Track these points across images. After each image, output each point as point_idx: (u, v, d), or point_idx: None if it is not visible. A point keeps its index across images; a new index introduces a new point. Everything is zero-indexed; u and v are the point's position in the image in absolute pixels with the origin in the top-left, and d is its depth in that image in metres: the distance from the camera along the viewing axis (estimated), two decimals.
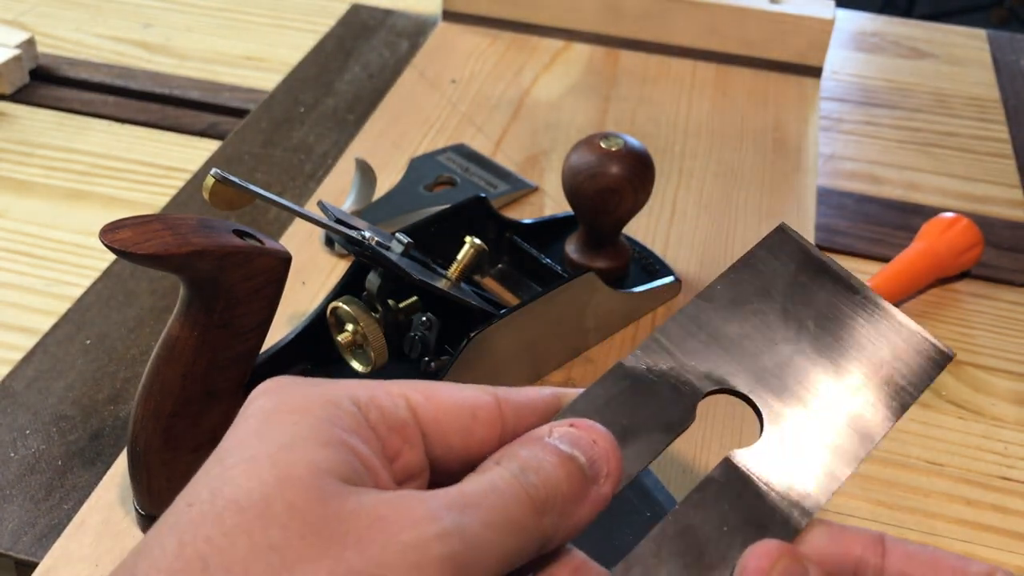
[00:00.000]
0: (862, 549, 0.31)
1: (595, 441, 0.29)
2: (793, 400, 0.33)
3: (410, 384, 0.30)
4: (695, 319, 0.34)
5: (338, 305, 0.52)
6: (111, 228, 0.39)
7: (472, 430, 0.30)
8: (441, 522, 0.25)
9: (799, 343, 0.34)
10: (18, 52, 0.82)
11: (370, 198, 0.69)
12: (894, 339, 0.35)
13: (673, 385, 0.33)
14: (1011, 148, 0.84)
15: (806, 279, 0.35)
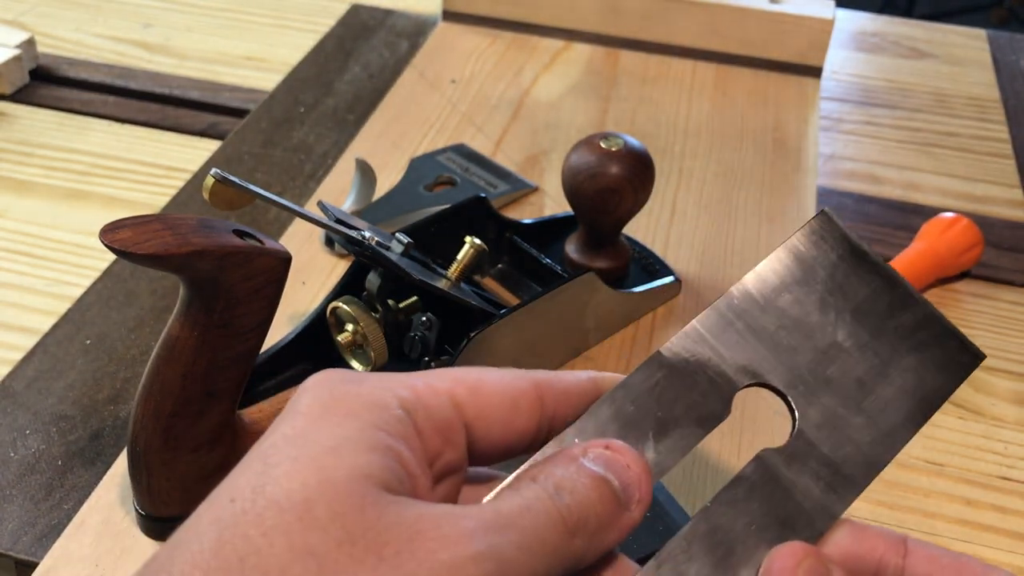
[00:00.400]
0: (884, 550, 0.31)
1: (629, 466, 0.29)
2: (825, 398, 0.33)
3: (457, 376, 0.30)
4: (734, 308, 0.34)
5: (338, 305, 0.52)
6: (111, 228, 0.39)
7: (513, 421, 0.30)
8: (477, 543, 0.25)
9: (836, 337, 0.34)
10: (18, 52, 0.82)
11: (370, 198, 0.69)
12: (928, 339, 0.34)
13: (710, 377, 0.32)
14: (1011, 148, 0.84)
15: (847, 269, 0.34)
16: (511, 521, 0.26)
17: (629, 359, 0.59)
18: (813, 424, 0.32)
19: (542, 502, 0.27)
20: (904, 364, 0.33)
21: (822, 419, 0.32)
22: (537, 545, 0.26)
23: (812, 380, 0.33)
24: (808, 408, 0.33)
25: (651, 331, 0.61)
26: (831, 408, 0.33)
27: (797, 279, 0.34)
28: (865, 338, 0.34)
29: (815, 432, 0.32)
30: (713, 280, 0.65)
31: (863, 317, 0.34)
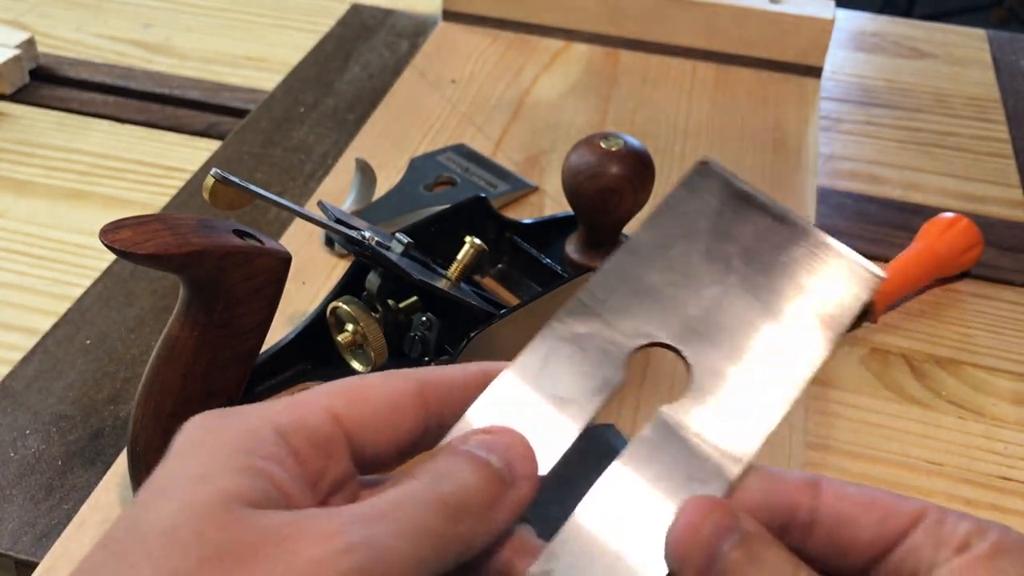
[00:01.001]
0: (796, 493, 0.31)
1: (510, 445, 0.30)
2: (721, 345, 0.32)
3: (336, 390, 0.30)
4: (618, 273, 0.33)
5: (338, 305, 0.52)
6: (111, 228, 0.40)
7: (397, 423, 0.30)
8: (348, 536, 0.25)
9: (726, 283, 0.33)
10: (18, 52, 0.82)
11: (370, 198, 0.69)
12: (823, 266, 0.33)
13: (600, 345, 0.32)
14: (1011, 148, 0.84)
15: (730, 214, 0.34)
16: (387, 512, 0.26)
17: None
18: (710, 374, 0.32)
19: (419, 492, 0.27)
20: (799, 298, 0.33)
21: (719, 367, 0.32)
22: (416, 533, 0.26)
23: (705, 331, 0.32)
24: (703, 359, 0.32)
25: None
26: (727, 354, 0.32)
27: (681, 233, 0.34)
28: (757, 279, 0.33)
29: (713, 381, 0.32)
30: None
31: (752, 258, 0.33)
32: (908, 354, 0.63)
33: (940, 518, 0.30)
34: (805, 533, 0.31)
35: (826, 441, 0.56)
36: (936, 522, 0.30)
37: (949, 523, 0.30)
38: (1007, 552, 0.29)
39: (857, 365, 0.62)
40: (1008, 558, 0.29)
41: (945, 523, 0.30)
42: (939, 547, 0.30)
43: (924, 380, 0.61)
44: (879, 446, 0.56)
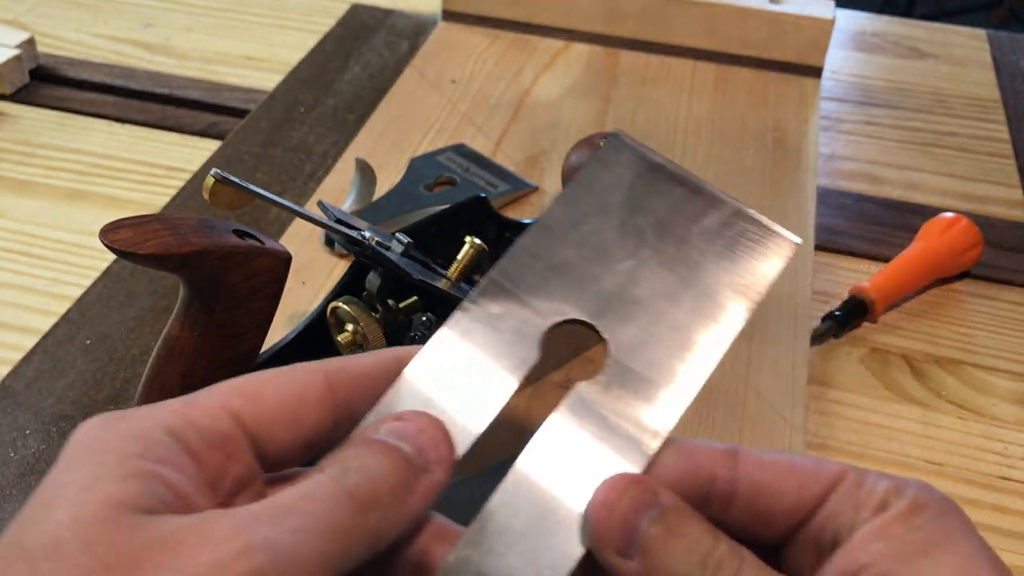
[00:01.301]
0: (714, 464, 0.30)
1: (422, 430, 0.29)
2: (637, 320, 0.32)
3: (232, 387, 0.29)
4: (531, 251, 0.33)
5: (338, 305, 0.52)
6: (111, 228, 0.39)
7: (302, 418, 0.29)
8: (244, 537, 0.24)
9: (640, 257, 0.32)
10: (18, 52, 0.82)
11: (370, 198, 0.69)
12: (738, 235, 0.33)
13: (516, 325, 0.32)
14: (1011, 148, 0.84)
15: (643, 187, 0.33)
16: (289, 508, 0.26)
17: None
18: (626, 348, 0.31)
19: (323, 485, 0.27)
20: (714, 267, 0.32)
21: (635, 341, 0.31)
22: (322, 527, 0.26)
23: (619, 304, 0.32)
24: (619, 333, 0.32)
25: None
26: (643, 328, 0.32)
27: (594, 208, 0.33)
28: (670, 251, 0.33)
29: (629, 355, 0.31)
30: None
31: (666, 230, 0.33)
32: (908, 354, 0.63)
33: (858, 480, 0.30)
34: (726, 504, 0.31)
35: (826, 441, 0.56)
36: (854, 484, 0.30)
37: (868, 484, 0.30)
38: (924, 508, 0.29)
39: (857, 365, 0.62)
40: (925, 514, 0.29)
41: (864, 484, 0.30)
42: (858, 509, 0.30)
43: (924, 380, 0.61)
44: (879, 446, 0.56)
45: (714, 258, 0.33)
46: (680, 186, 0.33)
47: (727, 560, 0.28)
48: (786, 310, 0.63)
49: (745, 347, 0.60)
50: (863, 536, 0.29)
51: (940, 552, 0.28)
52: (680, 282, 0.32)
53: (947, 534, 0.29)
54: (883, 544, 0.28)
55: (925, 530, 0.29)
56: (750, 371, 0.58)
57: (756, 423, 0.55)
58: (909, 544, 0.28)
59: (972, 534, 0.29)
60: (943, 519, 0.29)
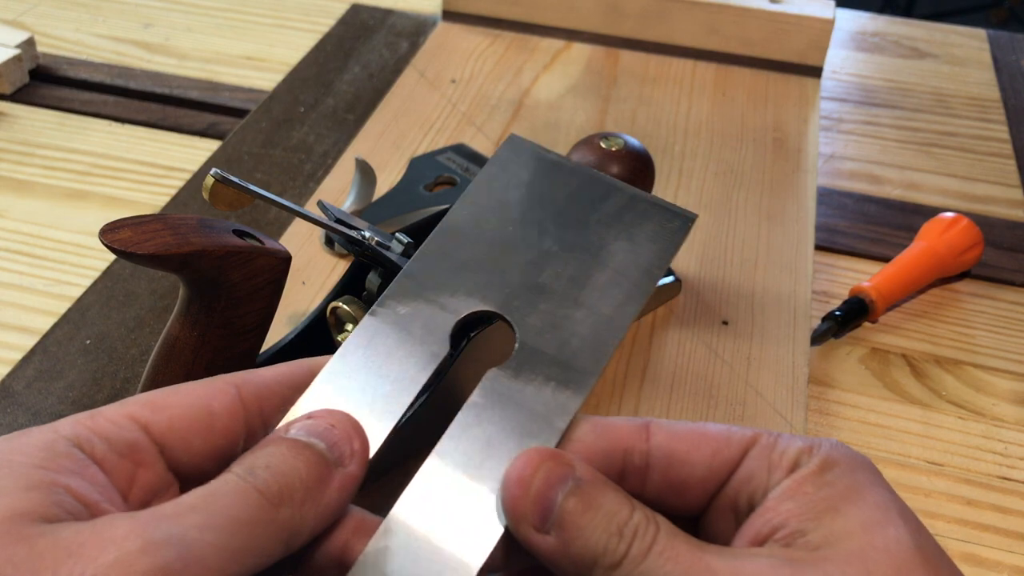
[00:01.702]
0: (628, 438, 0.31)
1: (333, 425, 0.29)
2: (544, 304, 0.33)
3: (140, 399, 0.29)
4: (436, 252, 0.34)
5: (338, 305, 0.52)
6: (111, 228, 0.39)
7: (212, 426, 0.29)
8: (147, 536, 0.24)
9: (542, 246, 0.34)
10: (18, 52, 0.82)
11: (370, 198, 0.69)
12: (636, 216, 0.34)
13: (424, 323, 0.32)
14: (1011, 148, 0.84)
15: (542, 182, 0.35)
16: (193, 506, 0.26)
17: (629, 359, 0.59)
18: (534, 332, 0.32)
19: (231, 482, 0.27)
20: (614, 248, 0.34)
21: (542, 324, 0.33)
22: (227, 522, 0.26)
23: (526, 293, 0.33)
24: (527, 319, 0.33)
25: (651, 331, 0.61)
26: (549, 311, 0.33)
27: (495, 206, 0.35)
28: (571, 238, 0.34)
29: (537, 339, 0.32)
30: (713, 280, 0.65)
31: (566, 219, 0.34)
32: (908, 354, 0.63)
33: (770, 443, 0.30)
34: (642, 477, 0.31)
35: None
36: (766, 447, 0.30)
37: (780, 446, 0.30)
38: (833, 465, 0.29)
39: (857, 365, 0.62)
40: (835, 470, 0.29)
41: (776, 447, 0.30)
42: (772, 471, 0.30)
43: (924, 380, 0.61)
44: (879, 446, 0.56)
45: (614, 241, 0.34)
46: (576, 178, 0.35)
47: (642, 528, 0.28)
48: (786, 310, 0.63)
49: (745, 347, 0.60)
50: (775, 497, 0.29)
51: (849, 506, 0.28)
52: (582, 266, 0.33)
53: (856, 489, 0.29)
54: (794, 504, 0.29)
55: (835, 487, 0.29)
56: (750, 371, 0.58)
57: (756, 423, 0.55)
58: (819, 501, 0.29)
59: (881, 487, 0.29)
60: (853, 475, 0.29)
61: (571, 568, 0.29)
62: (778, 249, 0.68)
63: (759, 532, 0.29)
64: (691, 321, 0.62)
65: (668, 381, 0.58)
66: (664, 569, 0.28)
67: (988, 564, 0.50)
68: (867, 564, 0.27)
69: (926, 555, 0.28)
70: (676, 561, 0.28)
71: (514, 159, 0.35)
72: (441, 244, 0.34)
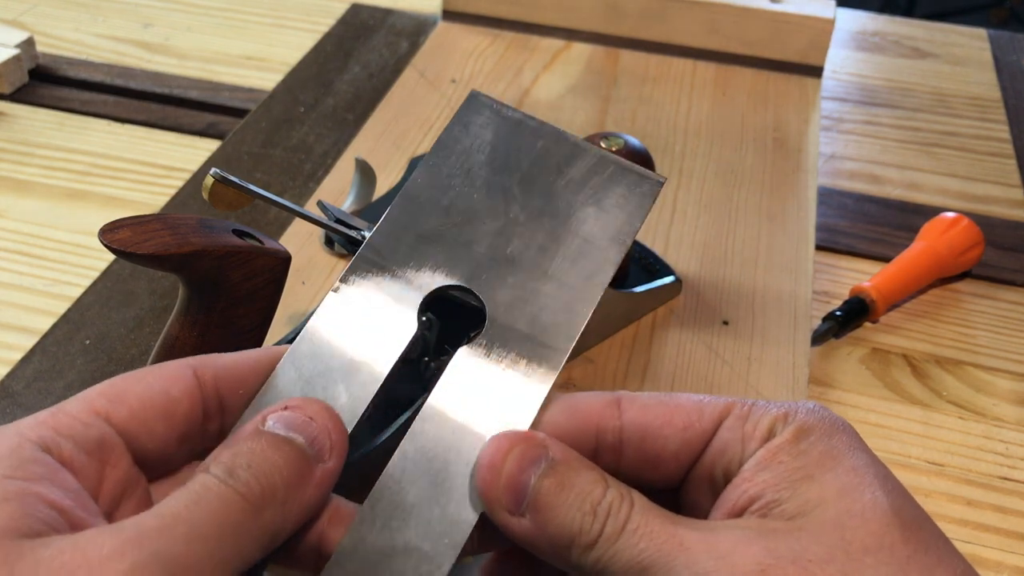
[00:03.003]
0: (600, 414, 0.30)
1: (312, 418, 0.28)
2: (512, 277, 0.32)
3: (98, 391, 0.28)
4: (399, 222, 0.33)
5: None
6: (111, 228, 0.39)
7: (172, 412, 0.29)
8: (133, 554, 0.23)
9: (508, 214, 0.33)
10: (18, 52, 0.82)
11: (370, 198, 0.69)
12: (603, 180, 0.33)
13: (391, 299, 0.32)
14: (1012, 148, 0.83)
15: (506, 143, 0.33)
16: (176, 517, 0.25)
17: (629, 359, 0.59)
18: (503, 307, 0.32)
19: (212, 489, 0.26)
20: (582, 215, 0.33)
21: (512, 298, 0.32)
22: (214, 531, 0.25)
23: (494, 265, 0.32)
24: (495, 293, 0.32)
25: (651, 331, 0.61)
26: (519, 284, 0.32)
27: (458, 171, 0.33)
28: (538, 204, 0.33)
29: (506, 314, 0.32)
30: (713, 280, 0.65)
31: (532, 184, 0.33)
32: (908, 354, 0.62)
33: (744, 412, 0.30)
34: (616, 453, 0.30)
35: None
36: (739, 418, 0.30)
37: (754, 416, 0.30)
38: (809, 431, 0.29)
39: (857, 365, 0.62)
40: (810, 437, 0.29)
41: (750, 417, 0.30)
42: (746, 441, 0.30)
43: (924, 380, 0.61)
44: (879, 446, 0.56)
45: (581, 207, 0.33)
46: (541, 139, 0.33)
47: (616, 506, 0.28)
48: (786, 310, 0.63)
49: (746, 347, 0.60)
50: (750, 468, 0.29)
51: (824, 472, 0.28)
52: (550, 235, 0.32)
53: (832, 455, 0.28)
54: (769, 473, 0.28)
55: (810, 454, 0.28)
56: (751, 371, 0.58)
57: None
58: (795, 470, 0.28)
59: (858, 450, 0.29)
60: (828, 440, 0.29)
61: (548, 549, 0.28)
62: (778, 249, 0.68)
63: (736, 503, 0.29)
64: (691, 321, 0.62)
65: (668, 381, 0.58)
66: (638, 547, 0.27)
67: (988, 564, 0.50)
68: (843, 531, 0.27)
69: (903, 519, 0.27)
70: (650, 538, 0.27)
71: (476, 119, 0.34)
72: (404, 213, 0.33)
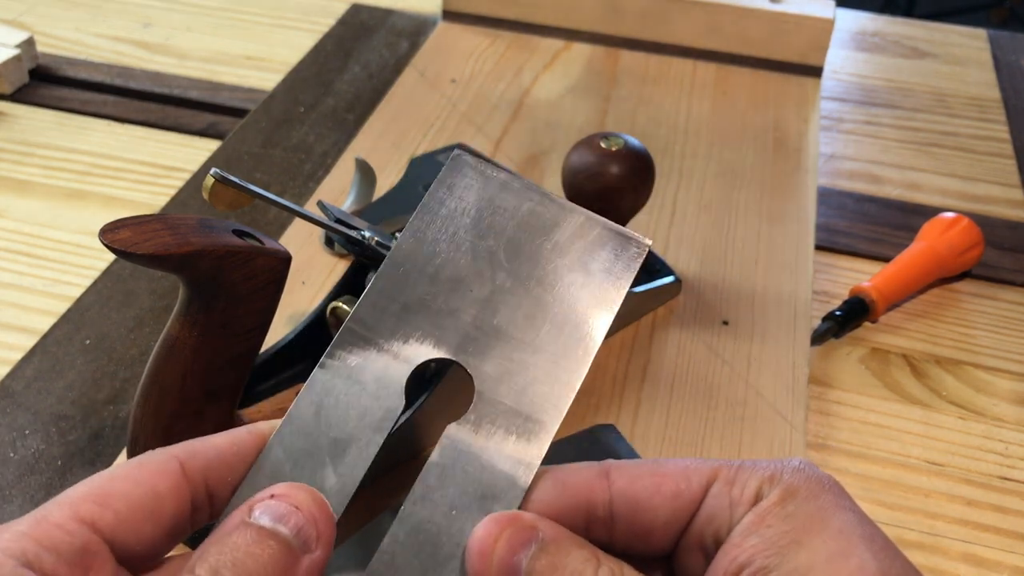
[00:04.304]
0: (589, 488, 0.30)
1: (298, 507, 0.28)
2: (499, 348, 0.31)
3: (82, 493, 0.28)
4: (386, 292, 0.32)
5: (338, 305, 0.52)
6: (111, 228, 0.39)
7: (160, 511, 0.28)
8: None
9: (495, 281, 0.32)
10: (18, 52, 0.82)
11: (370, 198, 0.69)
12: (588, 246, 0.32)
13: (376, 375, 0.31)
14: (1011, 148, 0.83)
15: (491, 206, 0.33)
16: None
17: (629, 359, 0.59)
18: (491, 380, 0.31)
19: None
20: (569, 280, 0.32)
21: (499, 372, 0.31)
22: None
23: (480, 335, 0.31)
24: (483, 365, 0.31)
25: (651, 331, 0.61)
26: (505, 356, 0.31)
27: (443, 235, 0.32)
28: (524, 270, 0.32)
29: (494, 388, 0.31)
30: (713, 280, 0.65)
31: (518, 249, 0.32)
32: (908, 354, 0.63)
33: (730, 477, 0.30)
34: (608, 525, 0.30)
35: (826, 441, 0.56)
36: (726, 482, 0.30)
37: (740, 480, 0.30)
38: (795, 492, 0.29)
39: (857, 365, 0.62)
40: (796, 499, 0.29)
41: (736, 481, 0.30)
42: (734, 506, 0.29)
43: (924, 380, 0.61)
44: (879, 446, 0.56)
45: (568, 271, 0.32)
46: (527, 201, 0.33)
47: None
48: (786, 310, 0.63)
49: (745, 347, 0.60)
50: (739, 533, 0.29)
51: (812, 537, 0.28)
52: (537, 302, 0.32)
53: (819, 517, 0.28)
54: (758, 539, 0.28)
55: (797, 516, 0.28)
56: (750, 371, 0.58)
57: (756, 423, 0.55)
58: (783, 535, 0.28)
59: (845, 510, 0.29)
60: (815, 501, 0.29)
61: None
62: (778, 249, 0.68)
63: (726, 571, 0.28)
64: (691, 321, 0.62)
65: (668, 381, 0.58)
66: None
67: (988, 564, 0.50)
68: None
69: None
70: None
71: (460, 180, 0.33)
72: (389, 283, 0.32)
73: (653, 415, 0.56)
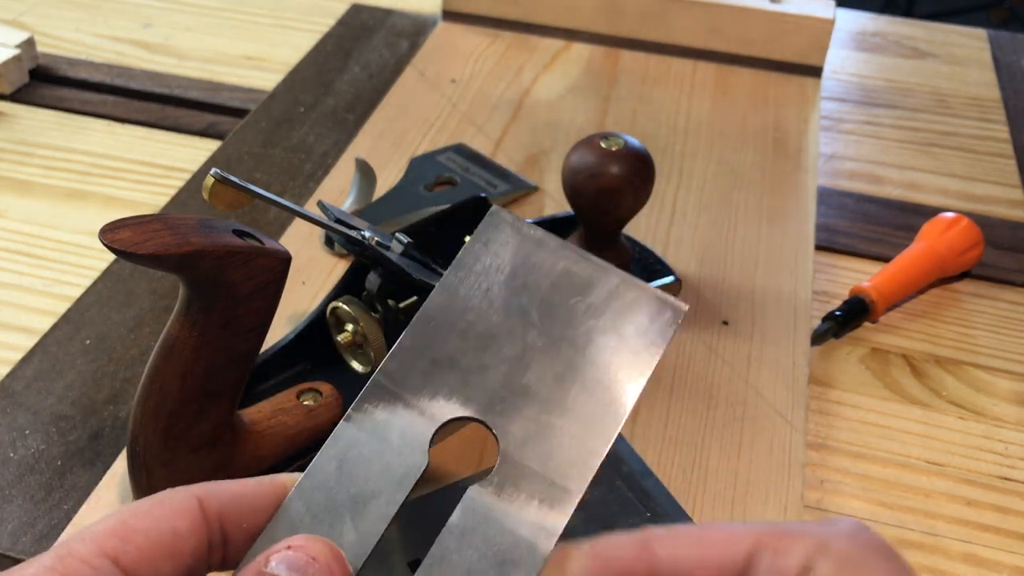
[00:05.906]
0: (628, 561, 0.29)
1: (315, 558, 0.28)
2: (527, 410, 0.30)
3: (106, 530, 0.28)
4: (416, 346, 0.32)
5: (338, 305, 0.52)
6: (111, 228, 0.39)
7: (179, 549, 0.28)
8: None
9: (526, 340, 0.31)
10: (18, 52, 0.82)
11: (370, 198, 0.69)
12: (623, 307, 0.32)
13: (401, 430, 0.30)
14: (1011, 148, 0.83)
15: (526, 263, 0.32)
16: None
17: None
18: (518, 443, 0.30)
19: None
20: (602, 343, 0.31)
21: (526, 434, 0.30)
22: None
23: (509, 395, 0.31)
24: (510, 426, 0.30)
25: None
26: (533, 418, 0.30)
27: (476, 291, 0.32)
28: (557, 330, 0.31)
29: (520, 451, 0.30)
30: (713, 280, 0.65)
31: (552, 309, 0.32)
32: (908, 354, 0.63)
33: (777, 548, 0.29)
34: None
35: (826, 441, 0.56)
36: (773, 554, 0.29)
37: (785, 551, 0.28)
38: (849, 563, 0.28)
39: (857, 365, 0.62)
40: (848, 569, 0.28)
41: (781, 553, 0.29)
42: None
43: (924, 380, 0.61)
44: (879, 446, 0.56)
45: (601, 334, 0.31)
46: (563, 260, 0.32)
47: None
48: (786, 310, 0.63)
49: (745, 347, 0.60)
50: None
51: None
52: (568, 363, 0.31)
53: None
54: None
55: None
56: (750, 371, 0.58)
57: (756, 423, 0.55)
58: None
59: None
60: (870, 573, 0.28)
61: None
62: (778, 249, 0.68)
63: None
64: (691, 321, 0.62)
65: (668, 381, 0.58)
66: None
67: (988, 564, 0.50)
68: None
69: None
70: None
71: (496, 236, 0.33)
72: (419, 337, 0.32)
73: (653, 415, 0.56)
